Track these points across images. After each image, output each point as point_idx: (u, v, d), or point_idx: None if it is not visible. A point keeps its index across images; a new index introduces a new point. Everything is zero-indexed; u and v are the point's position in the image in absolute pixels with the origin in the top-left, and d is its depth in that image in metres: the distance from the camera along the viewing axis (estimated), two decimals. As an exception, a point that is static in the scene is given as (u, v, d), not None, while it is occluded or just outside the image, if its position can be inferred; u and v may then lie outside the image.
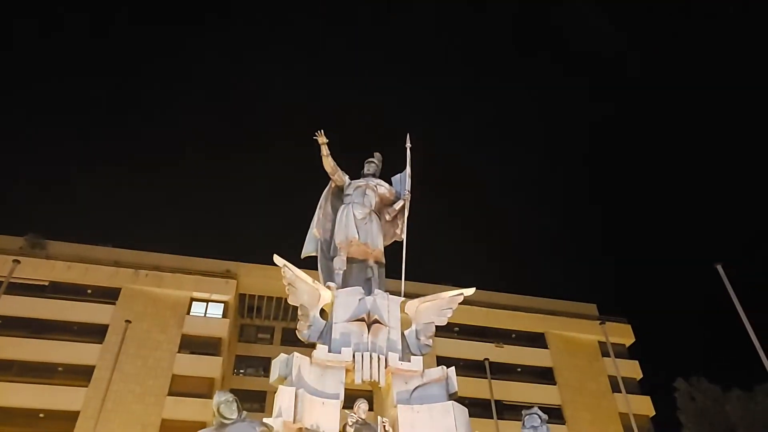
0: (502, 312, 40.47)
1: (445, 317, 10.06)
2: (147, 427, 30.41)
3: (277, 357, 8.88)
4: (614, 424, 35.66)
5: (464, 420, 8.51)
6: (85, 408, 29.14)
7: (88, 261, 34.94)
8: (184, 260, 37.31)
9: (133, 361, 30.88)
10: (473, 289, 10.13)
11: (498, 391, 24.37)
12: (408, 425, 8.44)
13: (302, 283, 9.43)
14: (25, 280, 31.92)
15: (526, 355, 39.42)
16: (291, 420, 7.70)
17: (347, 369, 8.98)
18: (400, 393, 8.93)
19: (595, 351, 40.10)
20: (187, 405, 30.46)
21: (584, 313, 42.21)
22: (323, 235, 10.83)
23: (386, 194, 11.17)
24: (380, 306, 9.61)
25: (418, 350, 9.57)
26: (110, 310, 33.48)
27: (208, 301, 36.54)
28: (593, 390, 37.85)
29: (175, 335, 34.24)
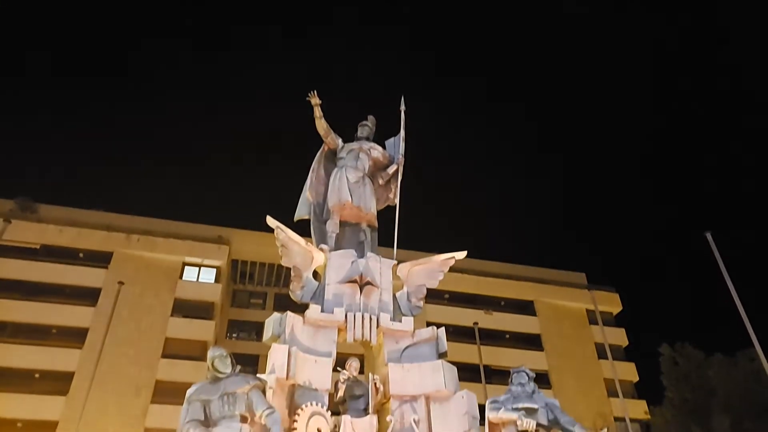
0: (492, 280, 40.95)
1: (437, 280, 10.15)
2: (141, 389, 30.85)
3: (271, 316, 8.99)
4: (599, 390, 36.54)
5: (453, 377, 8.70)
6: (80, 369, 29.48)
7: (80, 225, 34.85)
8: (176, 225, 37.30)
9: (126, 324, 31.11)
10: (464, 253, 10.19)
11: (486, 356, 24.79)
12: (398, 382, 8.62)
13: (295, 245, 9.47)
14: (16, 243, 31.85)
15: (514, 322, 40.08)
16: (284, 376, 7.83)
17: (339, 328, 9.12)
18: (391, 352, 9.10)
19: (582, 319, 40.81)
20: (180, 367, 30.86)
21: (573, 282, 42.80)
22: (316, 198, 10.82)
23: (380, 158, 11.12)
24: (372, 268, 9.69)
25: (409, 311, 9.69)
26: (102, 274, 33.56)
27: (200, 266, 36.68)
28: (579, 356, 38.64)
29: (167, 299, 34.45)
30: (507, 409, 6.98)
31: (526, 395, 7.14)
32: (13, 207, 33.37)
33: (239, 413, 6.19)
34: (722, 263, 13.91)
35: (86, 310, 32.25)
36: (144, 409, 30.37)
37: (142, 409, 30.31)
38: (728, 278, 13.78)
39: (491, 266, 41.78)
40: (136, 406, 30.24)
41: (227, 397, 6.22)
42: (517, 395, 7.16)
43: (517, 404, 6.99)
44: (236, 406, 6.21)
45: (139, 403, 30.40)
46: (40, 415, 28.85)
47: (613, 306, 41.94)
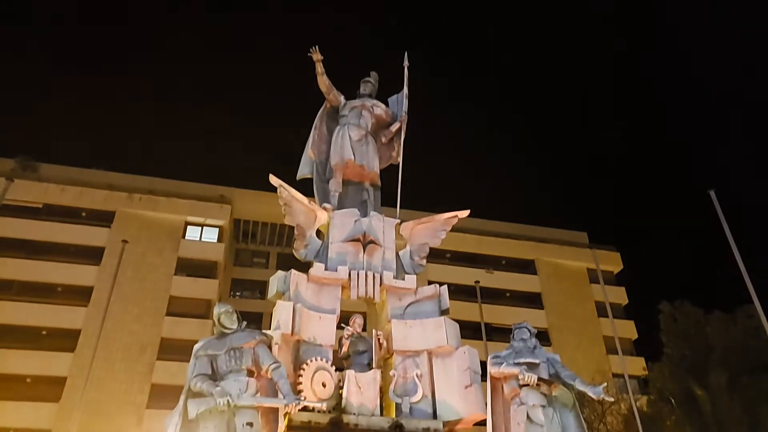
0: (493, 239, 41.12)
1: (439, 239, 10.17)
2: (147, 346, 31.38)
3: (275, 274, 9.04)
4: (598, 347, 37.12)
5: (455, 333, 8.80)
6: (86, 326, 29.95)
7: (81, 184, 34.81)
8: (178, 185, 37.26)
9: (131, 283, 31.41)
10: (467, 212, 10.17)
11: (487, 314, 25.05)
12: (401, 338, 8.73)
13: (298, 204, 9.45)
14: (18, 202, 31.89)
15: (515, 281, 40.43)
16: (289, 332, 7.93)
17: (343, 286, 9.18)
18: (394, 309, 9.19)
19: (583, 278, 41.13)
20: (185, 325, 31.30)
21: (574, 241, 42.96)
22: (318, 156, 10.73)
23: (382, 115, 10.99)
24: (375, 227, 9.70)
25: (411, 270, 9.74)
26: (105, 233, 33.72)
27: (202, 226, 36.80)
28: (579, 315, 39.11)
29: (170, 258, 34.69)
30: (509, 364, 7.08)
31: (527, 350, 7.23)
32: (14, 166, 33.26)
33: (246, 367, 6.29)
34: (725, 221, 13.94)
35: (90, 269, 32.53)
36: (150, 365, 30.96)
37: (148, 366, 30.90)
38: (730, 236, 13.82)
39: (493, 226, 41.89)
40: (142, 362, 30.83)
41: (234, 352, 6.31)
42: (518, 350, 7.26)
43: (518, 359, 7.09)
44: (243, 361, 6.30)
45: (145, 360, 30.98)
46: (48, 371, 29.46)
47: (613, 265, 42.21)
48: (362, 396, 7.99)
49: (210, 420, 5.81)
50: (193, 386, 6.01)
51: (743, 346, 13.49)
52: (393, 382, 8.42)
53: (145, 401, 29.87)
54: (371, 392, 8.06)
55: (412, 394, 8.29)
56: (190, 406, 5.85)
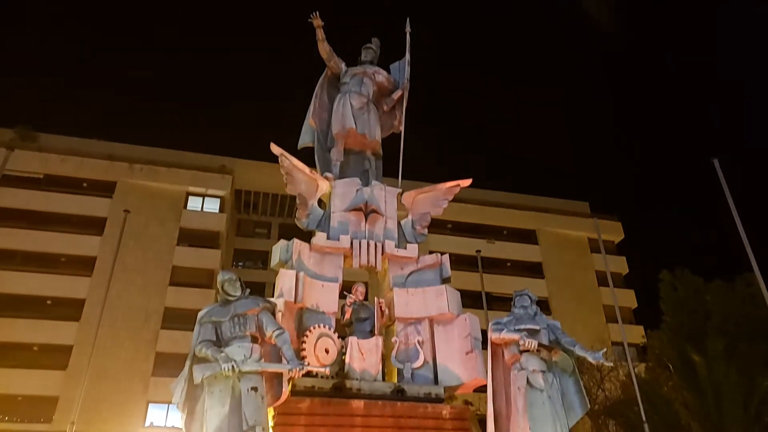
0: (495, 209, 41.14)
1: (441, 208, 10.16)
2: (150, 315, 31.72)
3: (277, 243, 9.08)
4: (598, 316, 37.45)
5: (456, 301, 8.88)
6: (90, 296, 30.24)
7: (82, 154, 34.72)
8: (178, 155, 37.16)
9: (133, 253, 31.55)
10: (469, 180, 10.13)
11: (488, 284, 25.19)
12: (403, 305, 8.81)
13: (299, 173, 9.42)
14: (19, 173, 31.87)
15: (516, 251, 40.59)
16: (292, 300, 8.00)
17: (345, 255, 9.23)
18: (396, 277, 9.25)
19: (584, 247, 41.27)
20: (188, 294, 31.57)
21: (576, 211, 42.97)
22: (319, 125, 10.64)
23: (384, 83, 10.86)
24: (377, 196, 9.68)
25: (413, 239, 9.76)
26: (107, 204, 33.77)
27: (204, 196, 36.82)
28: (579, 284, 39.37)
29: (173, 229, 34.81)
30: (509, 330, 7.16)
31: (528, 317, 7.30)
32: (14, 136, 33.11)
33: (250, 334, 6.35)
34: (728, 190, 13.93)
35: (93, 239, 32.69)
36: (154, 334, 31.35)
37: (152, 335, 31.29)
38: (732, 204, 13.82)
39: (494, 196, 41.86)
40: (146, 331, 31.21)
41: (238, 319, 6.37)
42: (519, 317, 7.33)
43: (519, 326, 7.15)
44: (247, 327, 6.36)
45: (149, 329, 31.36)
46: (54, 339, 29.86)
47: (615, 234, 42.31)
48: (364, 362, 8.10)
49: (215, 385, 5.90)
50: (198, 352, 6.10)
51: (741, 314, 13.63)
52: (395, 348, 8.53)
53: (150, 369, 30.33)
54: (373, 358, 8.17)
55: (414, 360, 8.41)
56: (195, 372, 5.94)
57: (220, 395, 5.86)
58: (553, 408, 6.66)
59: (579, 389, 7.14)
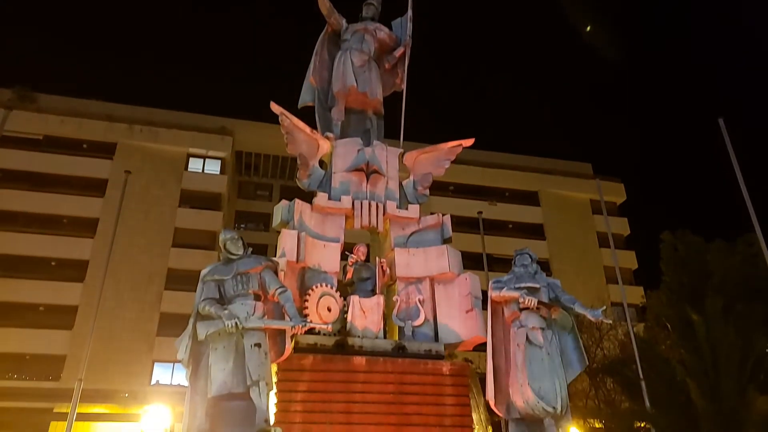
0: (497, 171, 40.97)
1: (443, 168, 10.12)
2: (154, 276, 32.00)
3: (279, 203, 9.08)
4: (598, 277, 37.68)
5: (457, 261, 8.94)
6: (94, 257, 30.46)
7: (81, 115, 34.43)
8: (178, 116, 36.85)
9: (135, 215, 31.59)
10: (472, 140, 10.05)
11: (489, 245, 25.26)
12: (404, 265, 8.87)
13: (300, 133, 9.34)
14: (18, 134, 31.69)
15: (518, 212, 40.60)
16: (294, 259, 8.05)
17: (347, 216, 9.24)
18: (398, 238, 9.29)
19: (585, 209, 41.25)
20: (191, 256, 31.73)
21: (579, 172, 42.80)
22: (320, 84, 10.50)
23: (386, 40, 10.66)
24: (379, 157, 9.63)
25: (415, 200, 9.75)
26: (108, 165, 33.68)
27: (205, 158, 36.68)
28: (581, 245, 39.49)
29: (174, 190, 34.80)
30: (510, 288, 7.21)
31: (528, 275, 7.34)
32: (12, 96, 32.76)
33: (252, 291, 6.41)
34: (731, 149, 13.85)
35: (95, 200, 32.72)
36: (158, 295, 31.68)
37: (156, 296, 31.62)
38: (736, 164, 13.77)
39: (496, 157, 41.62)
40: (150, 292, 31.53)
41: (240, 277, 6.41)
42: (519, 276, 7.37)
43: (519, 284, 7.20)
44: (249, 285, 6.41)
45: (153, 290, 31.68)
46: (60, 300, 30.22)
47: (617, 196, 42.25)
48: (366, 320, 8.21)
49: (219, 341, 5.98)
50: (201, 309, 6.16)
51: (741, 274, 13.71)
52: (396, 307, 8.63)
53: (155, 329, 30.77)
54: (375, 316, 8.28)
55: (415, 318, 8.51)
56: (199, 328, 6.02)
57: (224, 351, 5.94)
58: (551, 364, 6.77)
59: (578, 346, 7.24)
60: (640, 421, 16.86)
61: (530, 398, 6.58)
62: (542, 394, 6.57)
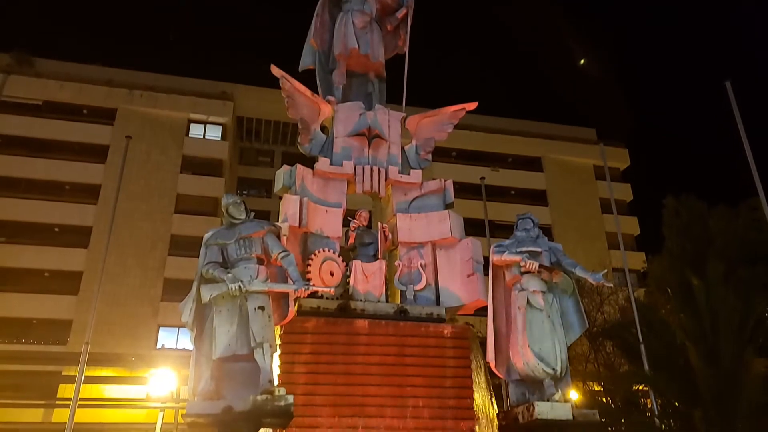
0: (500, 136, 40.68)
1: (446, 132, 10.02)
2: (157, 242, 32.19)
3: (281, 168, 9.04)
4: (600, 243, 37.73)
5: (459, 226, 8.94)
6: (97, 223, 30.60)
7: (80, 80, 34.12)
8: (178, 81, 36.54)
9: (137, 181, 31.58)
10: (475, 104, 9.92)
11: (491, 211, 25.24)
12: (406, 230, 8.88)
13: (301, 96, 9.24)
14: (18, 99, 31.50)
15: (521, 178, 40.48)
16: (296, 224, 8.06)
17: (348, 181, 9.22)
18: (399, 203, 9.27)
19: (589, 175, 41.08)
20: (193, 222, 31.80)
21: (582, 138, 42.49)
22: (321, 46, 10.35)
23: (388, 0, 10.47)
24: (381, 121, 9.55)
25: (417, 165, 9.71)
26: (109, 131, 33.54)
27: (205, 123, 36.49)
28: (583, 211, 39.47)
29: (175, 156, 34.74)
30: (511, 252, 7.23)
31: (530, 240, 7.35)
32: (10, 61, 32.43)
33: (255, 255, 6.43)
34: (738, 112, 13.70)
35: (97, 167, 32.70)
36: (162, 261, 31.91)
37: (160, 262, 31.86)
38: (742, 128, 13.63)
39: (500, 122, 41.27)
40: (154, 258, 31.76)
41: (243, 241, 6.43)
42: (521, 240, 7.38)
43: (521, 248, 7.21)
44: (252, 249, 6.43)
45: (156, 256, 31.90)
46: (64, 266, 30.48)
47: (621, 161, 42.05)
48: (368, 284, 8.26)
49: (223, 305, 6.03)
50: (204, 273, 6.19)
51: (743, 239, 13.71)
52: (398, 271, 8.68)
53: (159, 295, 31.10)
54: (377, 281, 8.33)
55: (416, 283, 8.57)
56: (203, 291, 6.06)
57: (228, 314, 6.00)
58: (552, 326, 6.83)
59: (578, 309, 7.30)
60: (638, 383, 17.11)
61: (530, 360, 6.66)
62: (542, 356, 6.65)
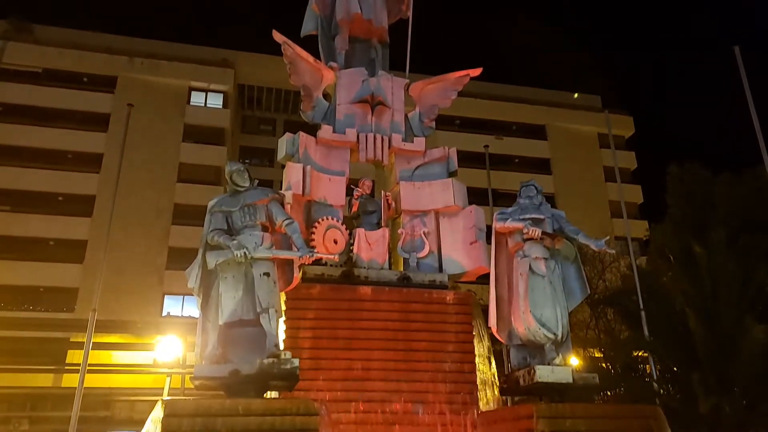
0: (504, 104, 40.30)
1: (450, 99, 9.96)
2: (161, 211, 32.28)
3: (283, 136, 9.02)
4: (603, 211, 37.66)
5: (462, 194, 8.96)
6: (100, 192, 30.65)
7: (79, 47, 33.74)
8: (178, 47, 36.14)
9: (139, 150, 31.37)
10: (479, 70, 9.83)
11: (495, 180, 25.18)
12: (409, 198, 8.91)
13: (303, 63, 9.16)
14: (17, 66, 31.26)
15: (525, 147, 40.23)
16: (300, 193, 8.10)
17: (351, 149, 9.21)
18: (403, 171, 9.27)
19: (593, 143, 40.81)
20: (197, 191, 31.81)
21: (587, 105, 42.08)
22: (323, 11, 10.21)
23: (391, -36, 10.28)
24: (384, 87, 9.49)
25: (420, 132, 9.67)
26: (110, 99, 33.33)
27: (207, 91, 36.20)
28: (587, 180, 39.32)
29: (177, 125, 34.58)
30: (514, 219, 7.24)
31: (533, 207, 7.35)
32: (8, 28, 32.04)
33: (260, 223, 6.48)
34: (745, 78, 13.55)
35: (99, 135, 32.58)
36: (166, 230, 32.06)
37: (164, 230, 32.00)
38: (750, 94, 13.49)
39: (504, 89, 40.78)
40: (158, 227, 31.89)
41: (248, 209, 6.46)
42: (524, 207, 7.38)
43: (524, 215, 7.22)
44: (257, 217, 6.47)
45: (160, 225, 32.02)
46: (69, 234, 30.66)
47: (625, 129, 41.70)
48: (372, 252, 8.34)
49: (228, 271, 6.10)
50: (210, 240, 6.24)
51: (746, 206, 13.68)
52: (401, 239, 8.74)
53: (164, 263, 31.34)
54: (380, 248, 8.41)
55: (419, 250, 8.64)
56: (208, 258, 6.13)
57: (233, 281, 6.07)
58: (553, 292, 6.89)
59: (580, 276, 7.35)
60: (638, 349, 17.32)
61: (532, 325, 6.74)
62: (543, 321, 6.73)
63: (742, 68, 13.88)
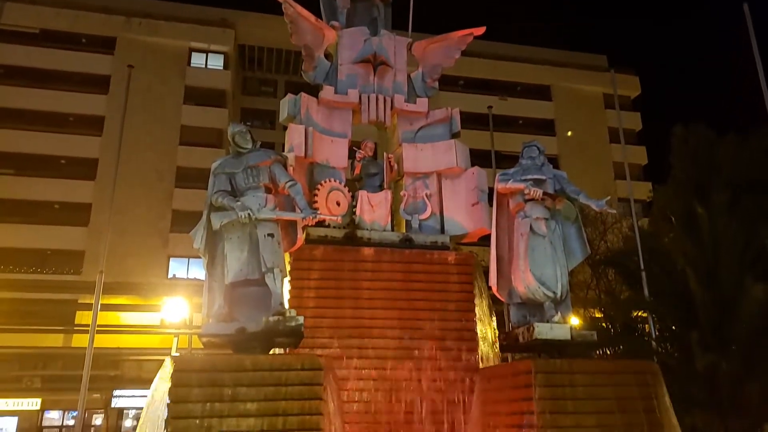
0: (508, 64, 39.74)
1: (453, 59, 9.84)
2: (164, 174, 32.34)
3: (285, 97, 8.97)
4: (607, 172, 37.59)
5: (465, 155, 8.96)
6: (102, 155, 30.65)
7: (76, 7, 33.20)
8: (176, 7, 35.56)
9: (140, 113, 31.23)
10: (483, 29, 9.68)
11: (498, 142, 25.03)
12: (411, 160, 8.91)
13: (304, 22, 9.04)
14: (14, 27, 30.85)
15: (529, 108, 39.85)
16: (302, 155, 8.09)
17: (354, 110, 9.16)
18: (405, 133, 9.24)
19: (598, 103, 40.37)
20: (198, 154, 31.83)
21: (593, 65, 41.45)
22: (324, -33, 10.02)
23: None
24: (386, 47, 9.37)
25: (423, 93, 9.59)
26: (109, 61, 32.99)
27: (207, 52, 35.77)
28: (591, 141, 39.09)
29: (178, 87, 34.30)
30: (516, 180, 7.25)
31: (535, 168, 7.35)
32: (1, -14, 31.52)
33: (263, 184, 6.51)
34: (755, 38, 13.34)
35: (99, 98, 32.39)
36: (169, 193, 32.18)
37: (167, 193, 32.13)
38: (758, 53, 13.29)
39: (508, 49, 40.14)
40: (161, 190, 32.01)
41: (251, 170, 6.49)
42: (526, 168, 7.38)
43: (526, 176, 7.23)
44: (260, 178, 6.50)
45: (163, 188, 32.14)
46: (73, 197, 30.83)
47: (631, 90, 41.18)
48: (374, 214, 8.39)
49: (233, 232, 6.18)
50: (214, 201, 6.30)
51: (750, 168, 13.61)
52: (403, 201, 8.77)
53: (168, 226, 31.57)
54: (383, 210, 8.45)
55: (422, 212, 8.69)
56: (213, 219, 6.19)
57: (238, 241, 6.15)
58: (554, 252, 6.95)
59: (580, 236, 7.41)
60: (638, 309, 17.49)
61: (531, 283, 6.83)
62: (543, 279, 6.81)
63: (751, 27, 13.65)
